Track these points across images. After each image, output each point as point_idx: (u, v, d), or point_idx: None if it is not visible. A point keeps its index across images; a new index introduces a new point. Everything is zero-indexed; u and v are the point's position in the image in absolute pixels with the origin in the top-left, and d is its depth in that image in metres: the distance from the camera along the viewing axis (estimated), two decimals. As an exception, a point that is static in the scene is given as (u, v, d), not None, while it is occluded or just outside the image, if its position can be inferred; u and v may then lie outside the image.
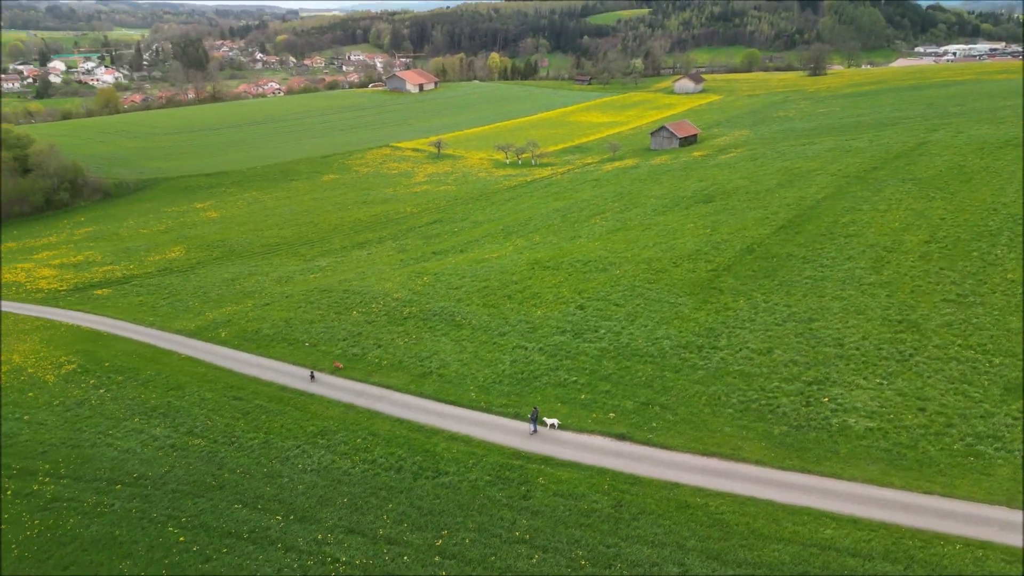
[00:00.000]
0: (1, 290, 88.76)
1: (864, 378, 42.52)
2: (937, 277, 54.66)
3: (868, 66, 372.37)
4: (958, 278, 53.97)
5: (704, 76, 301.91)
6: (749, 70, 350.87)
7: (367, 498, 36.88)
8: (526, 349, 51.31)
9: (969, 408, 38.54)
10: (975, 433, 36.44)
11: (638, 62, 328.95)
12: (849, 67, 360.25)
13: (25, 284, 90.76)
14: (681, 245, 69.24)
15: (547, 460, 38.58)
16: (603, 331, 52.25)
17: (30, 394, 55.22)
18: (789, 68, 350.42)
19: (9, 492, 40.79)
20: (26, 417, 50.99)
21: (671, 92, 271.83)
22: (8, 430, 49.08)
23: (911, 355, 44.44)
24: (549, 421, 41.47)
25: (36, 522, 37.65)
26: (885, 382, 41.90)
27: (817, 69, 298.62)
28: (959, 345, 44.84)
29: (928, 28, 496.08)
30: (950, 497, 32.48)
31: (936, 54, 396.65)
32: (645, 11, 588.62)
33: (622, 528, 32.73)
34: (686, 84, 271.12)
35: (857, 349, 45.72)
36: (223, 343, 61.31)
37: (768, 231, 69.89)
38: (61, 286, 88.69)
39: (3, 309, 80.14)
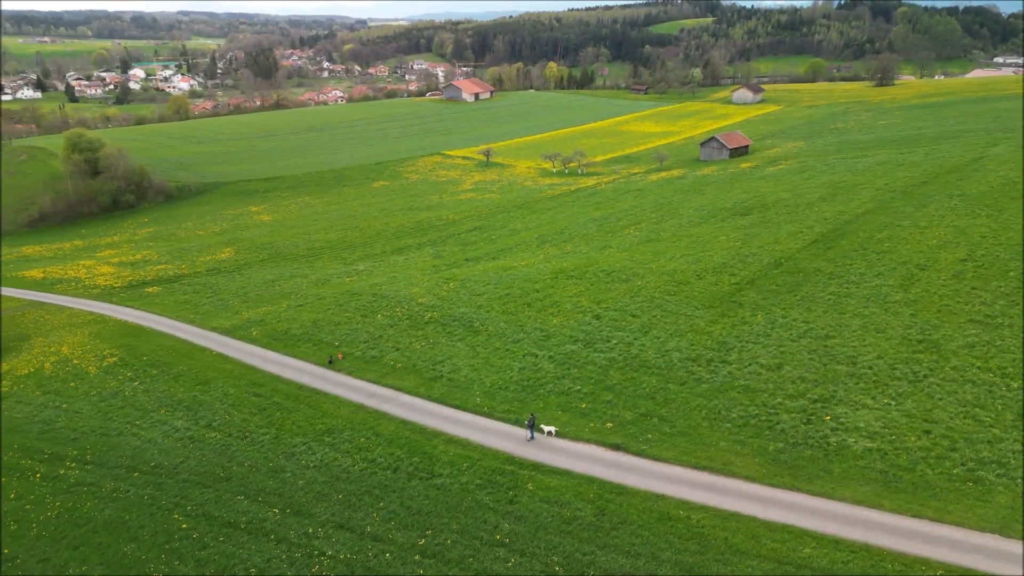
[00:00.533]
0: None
1: (872, 398, 41.58)
2: (967, 297, 52.91)
3: (942, 77, 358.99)
4: (989, 298, 52.14)
5: (764, 86, 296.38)
6: (813, 80, 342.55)
7: (361, 496, 38.04)
8: (536, 357, 51.85)
9: (977, 432, 37.34)
10: (978, 458, 35.30)
11: (697, 71, 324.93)
12: (922, 77, 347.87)
13: (84, 280, 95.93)
14: (708, 258, 68.64)
15: (538, 466, 39.05)
16: (615, 341, 52.37)
17: (71, 384, 58.62)
18: (856, 78, 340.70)
19: (38, 475, 43.51)
20: (64, 406, 54.19)
21: (728, 102, 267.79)
22: (46, 417, 52.33)
23: (925, 376, 43.23)
24: (547, 428, 41.93)
25: (57, 504, 40.10)
26: (893, 402, 40.89)
27: (884, 79, 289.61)
28: (978, 367, 43.39)
29: (1009, 38, 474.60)
30: (940, 522, 31.61)
31: (1017, 65, 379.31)
32: (709, 20, 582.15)
33: (601, 536, 32.97)
34: (744, 94, 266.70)
35: (870, 368, 44.70)
36: (253, 341, 63.73)
37: (799, 245, 68.67)
38: (117, 283, 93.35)
39: (61, 304, 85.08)
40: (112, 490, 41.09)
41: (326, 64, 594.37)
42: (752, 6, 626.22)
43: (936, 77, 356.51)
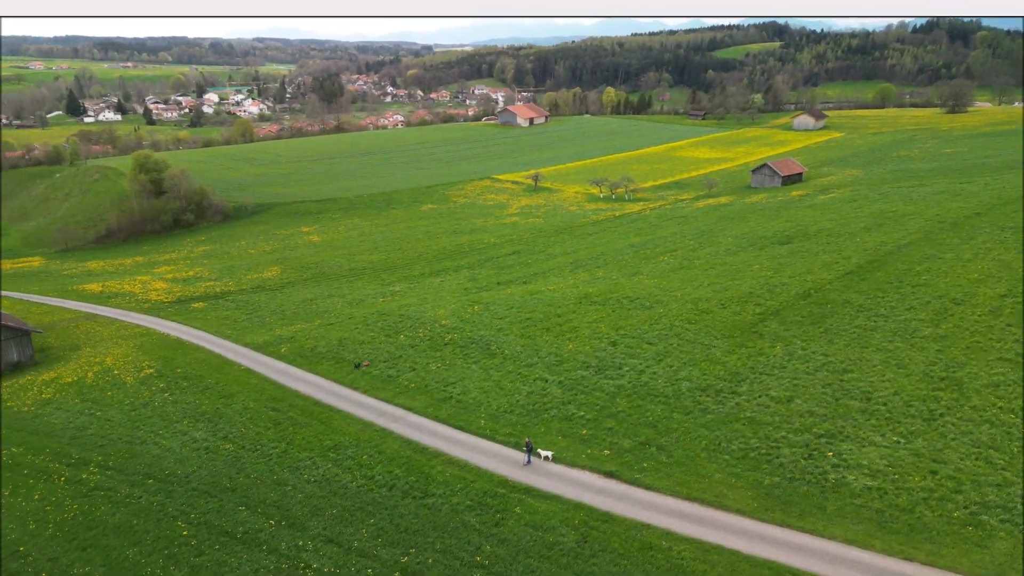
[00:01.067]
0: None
1: (881, 435, 40.21)
2: (1000, 334, 50.69)
3: (1021, 104, 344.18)
4: None
5: (829, 112, 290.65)
6: (882, 106, 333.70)
7: (354, 511, 38.78)
8: (546, 381, 51.94)
9: (986, 475, 35.68)
10: (983, 502, 33.73)
11: (758, 97, 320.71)
12: (1000, 104, 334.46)
13: (138, 295, 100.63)
14: (736, 286, 67.64)
15: (529, 490, 39.08)
16: (626, 369, 52.07)
17: (109, 393, 61.51)
18: (927, 104, 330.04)
19: (62, 479, 45.80)
20: (98, 413, 56.92)
21: (789, 128, 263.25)
22: (80, 424, 55.08)
23: (942, 414, 41.59)
24: (544, 453, 41.95)
25: (75, 507, 42.13)
26: (903, 440, 39.45)
27: (957, 106, 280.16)
28: (999, 408, 41.51)
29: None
30: (931, 566, 30.30)
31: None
32: (776, 44, 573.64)
33: (580, 563, 32.78)
34: (805, 120, 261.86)
35: (884, 404, 43.26)
36: (281, 358, 65.67)
37: (832, 276, 67.09)
38: (167, 298, 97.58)
39: (112, 317, 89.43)
40: (126, 496, 42.93)
41: (389, 89, 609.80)
42: (822, 30, 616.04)
43: (1015, 104, 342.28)
